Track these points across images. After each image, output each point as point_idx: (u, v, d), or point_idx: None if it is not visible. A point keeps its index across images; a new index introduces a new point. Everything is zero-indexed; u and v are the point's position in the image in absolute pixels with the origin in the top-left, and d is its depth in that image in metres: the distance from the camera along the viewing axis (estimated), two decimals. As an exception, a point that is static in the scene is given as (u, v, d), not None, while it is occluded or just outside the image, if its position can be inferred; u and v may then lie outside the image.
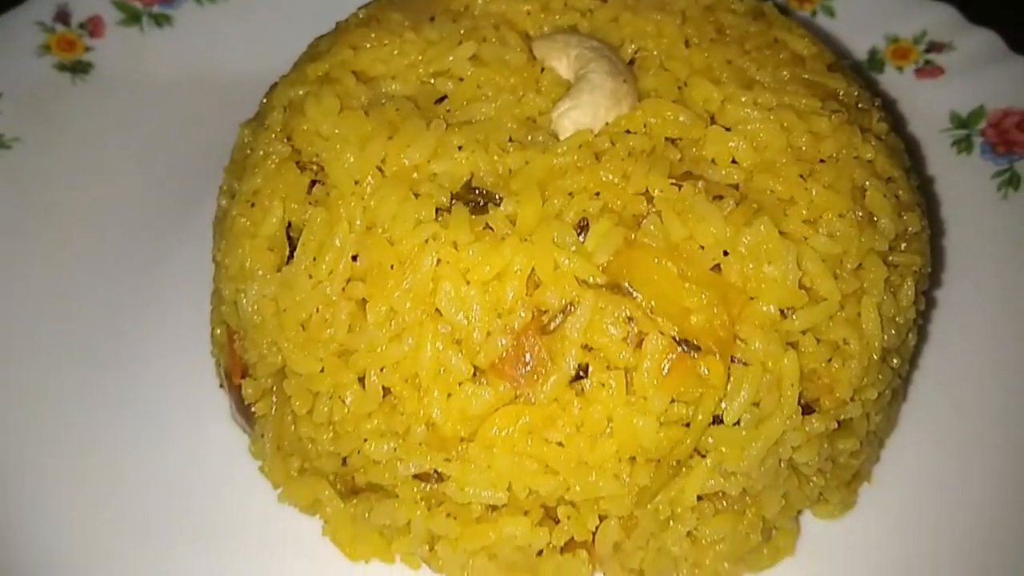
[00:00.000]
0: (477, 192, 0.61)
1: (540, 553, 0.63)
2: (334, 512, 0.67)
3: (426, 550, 0.64)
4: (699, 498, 0.61)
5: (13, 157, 0.92)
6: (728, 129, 0.65)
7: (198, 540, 0.71)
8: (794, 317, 0.60)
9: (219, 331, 0.72)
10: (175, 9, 1.06)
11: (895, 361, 0.67)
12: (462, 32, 0.72)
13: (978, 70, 1.02)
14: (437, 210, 0.60)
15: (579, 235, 0.59)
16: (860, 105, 0.73)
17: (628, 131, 0.65)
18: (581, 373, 0.57)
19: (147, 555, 0.70)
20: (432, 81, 0.69)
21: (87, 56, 1.01)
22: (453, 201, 0.60)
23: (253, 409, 0.69)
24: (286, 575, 0.70)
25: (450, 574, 0.65)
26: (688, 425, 0.58)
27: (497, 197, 0.60)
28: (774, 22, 0.77)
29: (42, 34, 1.00)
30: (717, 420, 0.59)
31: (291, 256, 0.63)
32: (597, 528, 0.61)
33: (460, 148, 0.62)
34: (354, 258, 0.60)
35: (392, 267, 0.58)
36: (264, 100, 0.76)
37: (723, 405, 0.58)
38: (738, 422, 0.59)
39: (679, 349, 0.56)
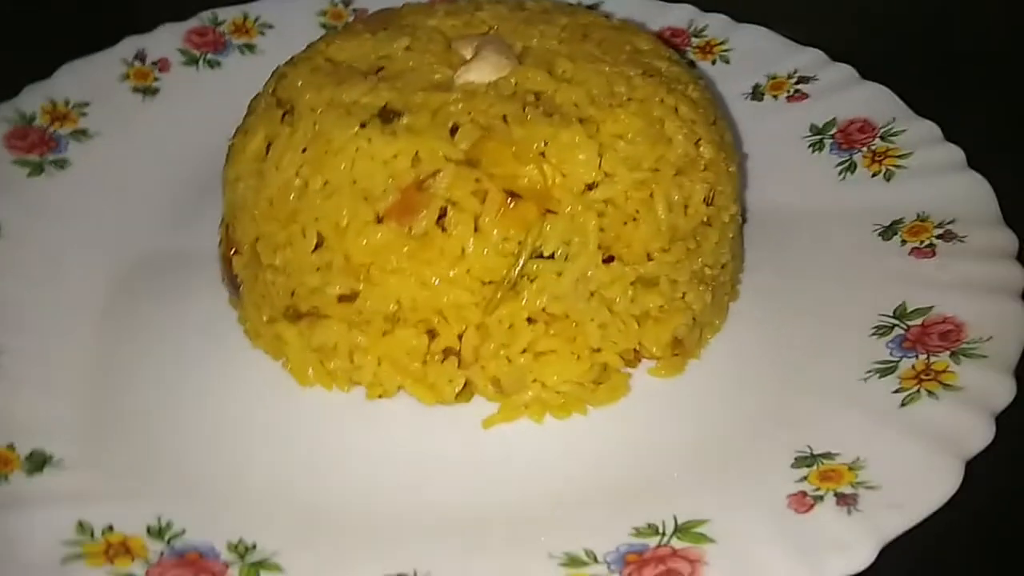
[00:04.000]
0: (390, 111, 0.91)
1: (425, 361, 0.89)
2: (290, 347, 0.94)
3: (348, 363, 0.91)
4: (535, 320, 0.87)
5: (93, 145, 1.24)
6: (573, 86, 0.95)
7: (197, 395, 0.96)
8: (596, 191, 0.87)
9: (220, 232, 1.02)
10: (223, 56, 1.44)
11: (692, 245, 0.93)
12: (404, 35, 1.04)
13: (834, 94, 1.29)
14: (362, 123, 0.90)
15: (452, 135, 0.88)
16: (681, 80, 1.01)
17: (501, 85, 0.94)
18: (444, 215, 0.86)
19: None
20: (376, 61, 1.00)
21: (155, 84, 1.36)
22: (373, 117, 0.90)
23: (239, 278, 0.97)
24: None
25: (366, 382, 0.91)
26: (516, 255, 0.85)
27: (401, 114, 0.90)
28: (630, 31, 1.08)
29: (124, 67, 1.36)
30: (541, 257, 0.86)
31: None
32: (462, 337, 0.87)
33: (384, 92, 0.93)
34: (304, 151, 0.90)
35: (326, 154, 0.88)
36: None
37: (541, 244, 0.85)
38: (553, 256, 0.86)
39: (508, 200, 0.84)
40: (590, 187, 0.87)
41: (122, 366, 0.98)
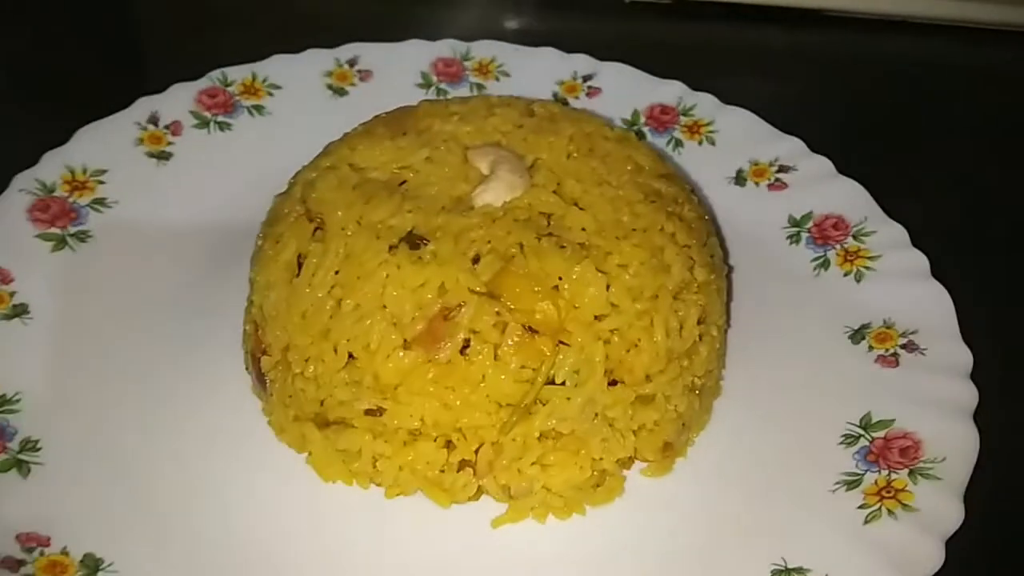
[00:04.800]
0: (416, 237, 0.98)
1: (442, 470, 0.98)
2: (314, 445, 1.02)
3: (371, 467, 0.99)
4: (544, 437, 0.97)
5: (113, 214, 1.28)
6: (582, 209, 1.04)
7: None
8: (604, 322, 0.96)
9: (248, 328, 1.08)
10: (233, 119, 1.49)
11: (685, 363, 1.03)
12: (423, 142, 1.11)
13: (811, 186, 1.38)
14: (390, 247, 0.97)
15: (474, 264, 0.96)
16: (678, 200, 1.11)
17: (516, 207, 1.03)
18: (467, 345, 0.94)
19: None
20: (399, 172, 1.08)
21: (168, 148, 1.41)
22: (400, 241, 0.98)
23: (267, 377, 1.05)
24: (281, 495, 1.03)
25: (386, 485, 1.00)
26: (531, 382, 0.94)
27: (426, 240, 0.98)
28: (631, 145, 1.16)
29: (138, 131, 1.41)
30: (552, 383, 0.95)
31: (299, 274, 1.00)
32: (478, 450, 0.96)
33: (409, 212, 1.01)
34: (336, 272, 0.97)
35: (358, 278, 0.96)
36: (291, 180, 1.15)
37: (554, 372, 0.94)
38: (564, 383, 0.95)
39: (527, 333, 0.93)
40: (598, 318, 0.96)
41: (145, 455, 1.03)
